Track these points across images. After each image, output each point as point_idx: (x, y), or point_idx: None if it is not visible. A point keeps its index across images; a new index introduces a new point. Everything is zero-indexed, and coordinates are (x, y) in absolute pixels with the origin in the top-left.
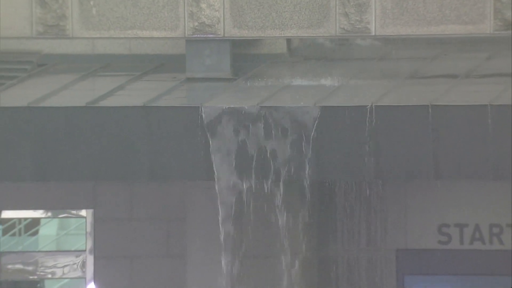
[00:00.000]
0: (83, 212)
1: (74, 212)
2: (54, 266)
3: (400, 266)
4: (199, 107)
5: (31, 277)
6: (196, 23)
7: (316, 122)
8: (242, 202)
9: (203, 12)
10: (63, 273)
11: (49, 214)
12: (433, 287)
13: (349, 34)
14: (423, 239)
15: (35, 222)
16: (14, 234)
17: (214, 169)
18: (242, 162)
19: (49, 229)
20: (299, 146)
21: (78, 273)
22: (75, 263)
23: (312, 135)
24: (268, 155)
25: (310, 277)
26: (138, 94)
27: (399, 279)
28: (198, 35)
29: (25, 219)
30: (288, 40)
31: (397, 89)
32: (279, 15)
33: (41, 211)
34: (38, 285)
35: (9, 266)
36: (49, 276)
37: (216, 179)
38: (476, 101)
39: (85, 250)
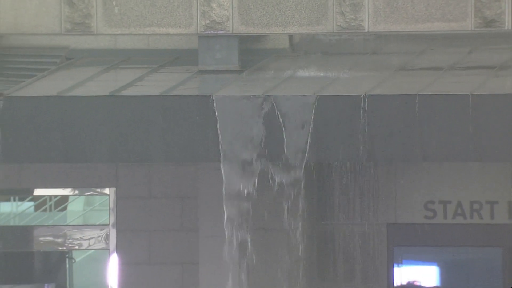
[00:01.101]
0: (107, 190)
1: (98, 190)
2: (81, 239)
3: (390, 238)
4: (210, 96)
5: (60, 248)
6: (207, 21)
7: (315, 109)
8: (248, 182)
9: (213, 11)
10: (89, 245)
11: (76, 192)
12: (420, 257)
13: (345, 31)
14: (411, 214)
15: (64, 199)
16: (45, 210)
17: (222, 152)
18: (248, 146)
19: (76, 205)
20: (299, 132)
21: (102, 245)
22: (99, 236)
23: (311, 121)
24: (271, 139)
25: (310, 248)
26: (155, 84)
27: (389, 250)
28: (209, 32)
29: (55, 196)
30: (290, 36)
31: (388, 80)
32: (282, 13)
33: (69, 189)
34: (67, 255)
35: (41, 239)
36: (77, 247)
37: (223, 162)
38: (459, 91)
39: (108, 224)
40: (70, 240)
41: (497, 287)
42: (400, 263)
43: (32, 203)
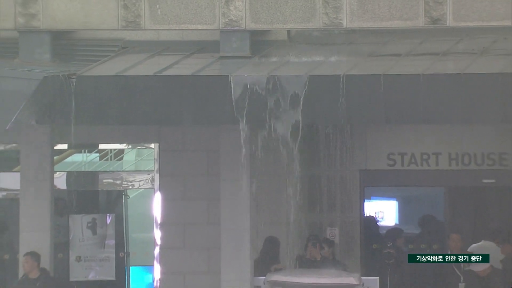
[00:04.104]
0: (152, 145)
1: (146, 145)
2: (133, 181)
3: (362, 181)
4: (228, 75)
5: (118, 188)
6: (226, 20)
7: (306, 85)
8: (257, 139)
9: (231, 12)
10: (139, 186)
11: (130, 146)
12: (384, 194)
13: (329, 27)
14: (377, 163)
15: (121, 151)
16: (107, 159)
17: (239, 117)
18: (258, 113)
19: (130, 156)
20: (295, 101)
21: (149, 186)
22: (147, 179)
23: (303, 93)
24: (274, 107)
25: (302, 188)
26: (188, 67)
27: (361, 189)
28: (228, 28)
29: (114, 149)
30: (288, 31)
31: (361, 64)
32: (282, 14)
33: (124, 144)
34: (123, 193)
35: (104, 181)
36: (130, 187)
37: (240, 123)
38: (413, 71)
39: (153, 170)
40: (125, 182)
41: (440, 215)
42: (369, 198)
43: (97, 154)
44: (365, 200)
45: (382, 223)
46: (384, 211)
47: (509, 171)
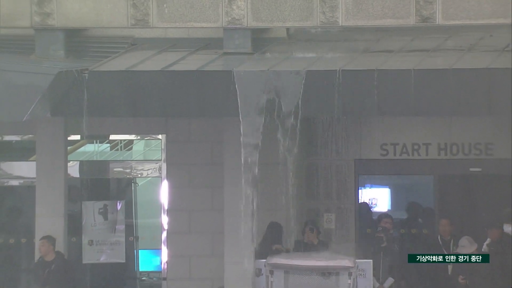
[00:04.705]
0: (160, 136)
1: (154, 136)
2: (142, 170)
3: (357, 169)
4: (231, 70)
5: (128, 176)
6: (229, 18)
7: (304, 80)
8: (258, 130)
9: (234, 11)
10: (148, 174)
11: (139, 137)
12: (377, 182)
13: (326, 25)
14: (371, 152)
15: (130, 142)
16: (117, 149)
17: (240, 109)
18: (258, 104)
19: (139, 146)
20: (293, 95)
21: (157, 174)
22: (155, 168)
23: (302, 87)
24: (275, 101)
25: (300, 176)
26: (193, 62)
27: (356, 177)
28: (231, 26)
29: (124, 140)
30: (287, 29)
31: (356, 59)
32: (281, 13)
33: (134, 135)
34: (132, 181)
35: (115, 169)
36: (139, 175)
37: (241, 116)
38: (404, 66)
39: (161, 160)
40: (134, 170)
41: (430, 201)
42: (363, 186)
43: (108, 144)
44: (360, 188)
45: (375, 209)
46: (378, 198)
47: (495, 161)
